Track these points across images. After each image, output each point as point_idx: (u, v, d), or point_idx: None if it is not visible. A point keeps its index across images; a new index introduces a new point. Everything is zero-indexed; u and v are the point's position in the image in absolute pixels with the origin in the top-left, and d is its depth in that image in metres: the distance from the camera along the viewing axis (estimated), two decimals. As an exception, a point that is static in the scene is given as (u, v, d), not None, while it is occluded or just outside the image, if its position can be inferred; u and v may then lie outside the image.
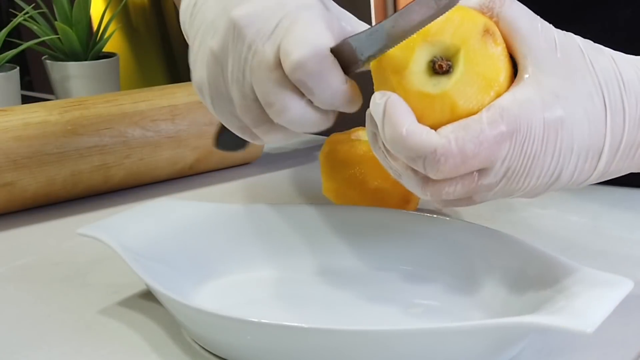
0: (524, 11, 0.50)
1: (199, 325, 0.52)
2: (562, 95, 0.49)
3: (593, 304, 0.47)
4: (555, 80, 0.49)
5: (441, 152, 0.47)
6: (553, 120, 0.49)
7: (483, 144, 0.48)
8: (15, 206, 0.77)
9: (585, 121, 0.50)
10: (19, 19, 1.01)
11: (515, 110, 0.48)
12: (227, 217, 0.64)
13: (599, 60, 0.51)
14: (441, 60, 0.49)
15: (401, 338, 0.47)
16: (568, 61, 0.50)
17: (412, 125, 0.48)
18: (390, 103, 0.48)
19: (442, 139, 0.48)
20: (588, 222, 0.72)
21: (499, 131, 0.48)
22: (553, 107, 0.49)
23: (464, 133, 0.48)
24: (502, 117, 0.48)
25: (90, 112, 0.80)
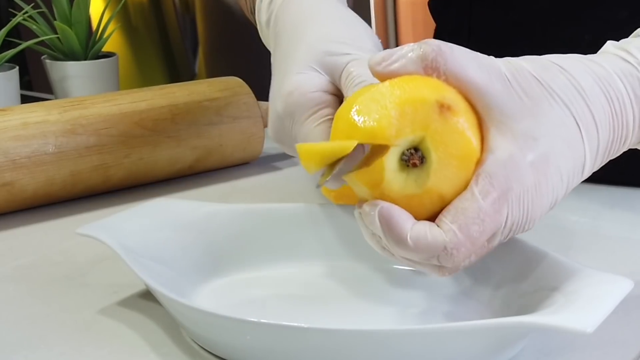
0: (468, 58, 0.50)
1: (199, 325, 0.52)
2: (538, 135, 0.49)
3: (593, 304, 0.47)
4: (525, 122, 0.49)
5: (451, 247, 0.48)
6: (539, 164, 0.49)
7: (485, 219, 0.48)
8: (15, 206, 0.77)
9: (565, 148, 0.50)
10: (18, 18, 1.01)
11: (502, 172, 0.48)
12: (227, 217, 0.64)
13: (555, 81, 0.51)
14: (412, 156, 0.49)
15: (401, 338, 0.47)
16: (529, 96, 0.50)
17: (414, 231, 0.48)
18: (383, 214, 0.49)
19: (448, 234, 0.48)
20: (588, 222, 0.72)
21: (494, 200, 0.48)
22: (534, 152, 0.49)
23: (464, 218, 0.48)
24: (492, 185, 0.48)
25: (90, 112, 0.80)
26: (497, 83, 0.49)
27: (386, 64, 0.50)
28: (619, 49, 0.54)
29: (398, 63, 0.50)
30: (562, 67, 0.51)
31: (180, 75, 1.62)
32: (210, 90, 0.87)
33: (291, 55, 0.61)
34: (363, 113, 0.49)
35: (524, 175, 0.49)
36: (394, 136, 0.48)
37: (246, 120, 0.88)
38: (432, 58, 0.49)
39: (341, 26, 0.62)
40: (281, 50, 0.63)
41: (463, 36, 0.86)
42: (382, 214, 0.49)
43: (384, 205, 0.49)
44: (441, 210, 0.49)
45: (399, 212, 0.49)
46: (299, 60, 0.60)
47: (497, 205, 0.48)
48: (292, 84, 0.59)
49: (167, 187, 0.84)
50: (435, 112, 0.48)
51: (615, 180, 0.59)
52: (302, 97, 0.58)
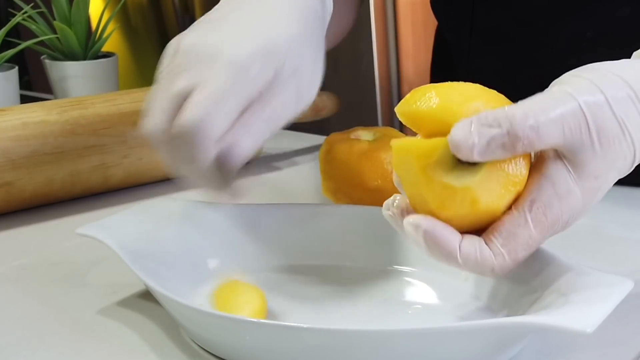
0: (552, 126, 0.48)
1: (198, 325, 0.52)
2: (599, 174, 0.50)
3: (593, 304, 0.47)
4: (594, 165, 0.49)
5: (499, 269, 0.49)
6: (591, 195, 0.50)
7: (532, 246, 0.49)
8: (14, 206, 0.77)
9: (617, 176, 0.51)
10: (18, 18, 1.00)
11: (557, 205, 0.49)
12: (227, 217, 0.64)
13: (630, 116, 0.50)
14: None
15: (401, 338, 0.47)
16: (602, 140, 0.49)
17: (464, 251, 0.49)
18: (430, 235, 0.49)
19: (497, 257, 0.49)
20: (588, 222, 0.72)
21: (544, 229, 0.49)
22: (592, 187, 0.50)
23: (515, 244, 0.49)
24: (545, 216, 0.49)
25: (89, 112, 0.80)
26: (578, 136, 0.49)
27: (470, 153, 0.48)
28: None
29: (486, 156, 0.48)
30: (634, 93, 0.50)
31: (180, 76, 1.62)
32: (210, 90, 0.87)
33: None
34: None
35: (576, 208, 0.50)
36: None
37: (246, 120, 0.87)
38: (522, 150, 0.48)
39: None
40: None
41: (465, 34, 0.86)
42: (428, 235, 0.49)
43: (430, 226, 0.49)
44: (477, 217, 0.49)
45: (443, 229, 0.49)
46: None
47: (546, 234, 0.50)
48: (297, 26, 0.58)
49: (167, 187, 0.84)
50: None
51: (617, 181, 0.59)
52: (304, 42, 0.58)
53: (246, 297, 0.55)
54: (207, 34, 0.58)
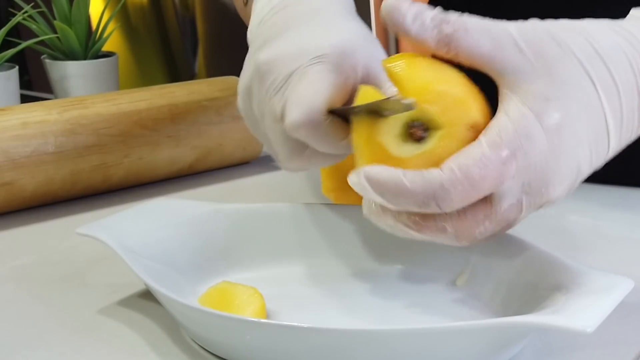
0: (480, 33, 0.50)
1: (199, 325, 0.52)
2: (551, 96, 0.49)
3: (593, 304, 0.47)
4: (539, 84, 0.49)
5: (448, 184, 0.47)
6: (552, 125, 0.48)
7: (488, 166, 0.47)
8: (14, 206, 0.77)
9: (582, 111, 0.49)
10: (18, 18, 1.00)
11: (511, 128, 0.48)
12: (227, 217, 0.64)
13: (573, 39, 0.50)
14: (419, 128, 0.49)
15: (401, 338, 0.47)
16: (543, 57, 0.49)
17: (409, 174, 0.48)
18: (371, 174, 0.49)
19: (445, 171, 0.47)
20: (588, 221, 0.72)
21: (500, 151, 0.48)
22: (547, 113, 0.48)
23: (465, 159, 0.48)
24: (500, 137, 0.48)
25: (90, 112, 0.80)
26: (507, 51, 0.49)
27: (402, 18, 0.50)
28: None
29: (414, 26, 0.50)
30: (582, 27, 0.51)
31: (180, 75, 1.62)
32: (210, 90, 0.87)
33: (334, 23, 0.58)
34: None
35: (535, 135, 0.48)
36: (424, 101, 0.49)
37: (246, 120, 0.88)
38: (448, 34, 0.49)
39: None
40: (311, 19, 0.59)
41: None
42: (369, 176, 0.49)
43: (368, 170, 0.49)
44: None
45: (384, 167, 0.49)
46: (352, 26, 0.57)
47: (503, 157, 0.47)
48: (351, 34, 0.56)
49: (167, 187, 0.84)
50: (465, 125, 0.49)
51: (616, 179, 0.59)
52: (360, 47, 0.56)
53: (246, 297, 0.55)
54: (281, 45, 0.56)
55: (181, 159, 0.85)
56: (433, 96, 0.49)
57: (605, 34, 0.51)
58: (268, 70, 0.55)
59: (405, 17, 0.49)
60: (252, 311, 0.54)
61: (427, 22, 0.50)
